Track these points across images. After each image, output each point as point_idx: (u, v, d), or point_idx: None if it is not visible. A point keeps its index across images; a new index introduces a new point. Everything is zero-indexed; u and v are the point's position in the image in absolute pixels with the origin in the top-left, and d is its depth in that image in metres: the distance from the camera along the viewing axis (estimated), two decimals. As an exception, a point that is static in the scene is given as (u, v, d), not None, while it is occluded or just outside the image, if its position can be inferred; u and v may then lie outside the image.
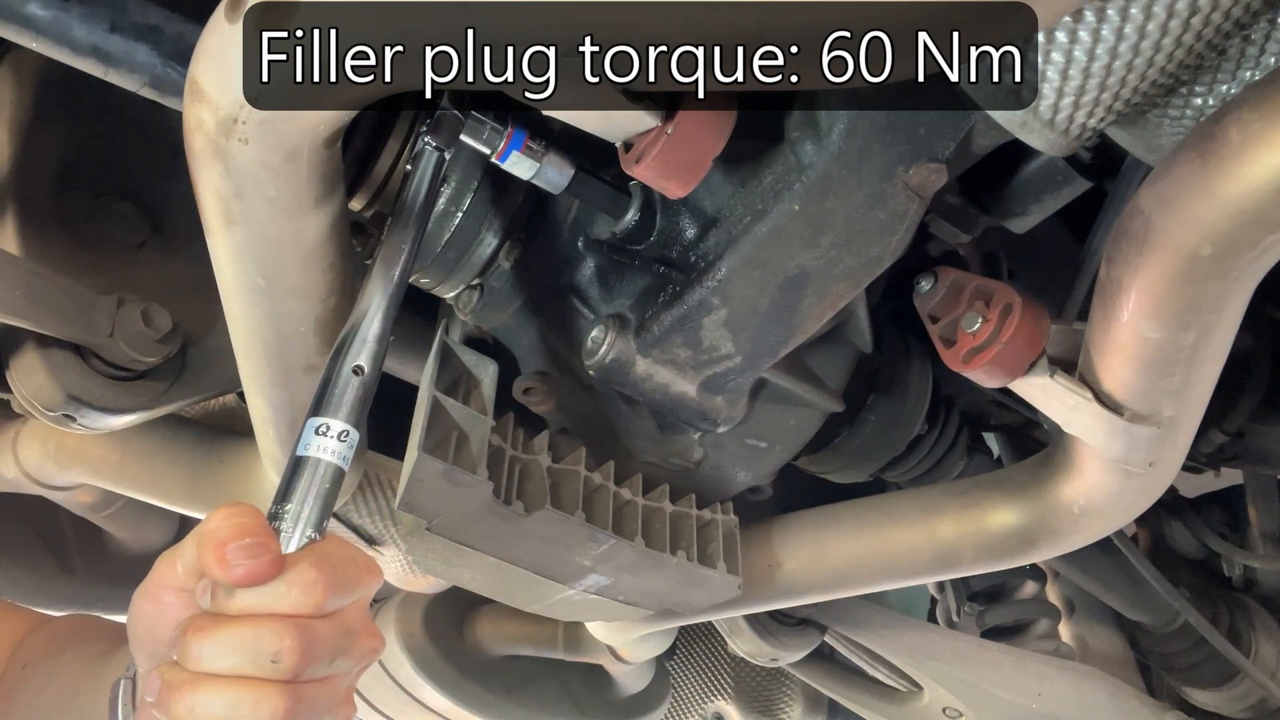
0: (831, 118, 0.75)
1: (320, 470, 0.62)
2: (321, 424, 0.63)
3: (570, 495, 0.91)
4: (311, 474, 0.62)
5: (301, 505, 0.61)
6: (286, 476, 0.62)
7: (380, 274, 0.69)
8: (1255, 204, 0.58)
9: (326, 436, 0.63)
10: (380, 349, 0.67)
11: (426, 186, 0.72)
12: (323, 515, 0.62)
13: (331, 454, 0.62)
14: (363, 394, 0.65)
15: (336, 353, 0.66)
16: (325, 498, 0.62)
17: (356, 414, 0.64)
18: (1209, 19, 0.59)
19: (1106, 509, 0.91)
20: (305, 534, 0.61)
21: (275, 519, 0.60)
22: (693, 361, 0.87)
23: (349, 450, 0.63)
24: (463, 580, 1.03)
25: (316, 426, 0.63)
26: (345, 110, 0.65)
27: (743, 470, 1.06)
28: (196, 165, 0.69)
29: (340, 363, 0.66)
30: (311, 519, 0.61)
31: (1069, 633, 1.76)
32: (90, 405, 1.07)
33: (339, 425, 0.63)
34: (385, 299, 0.68)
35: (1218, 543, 1.64)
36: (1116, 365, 0.74)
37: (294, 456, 0.63)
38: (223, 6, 0.65)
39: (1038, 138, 0.68)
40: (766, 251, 0.80)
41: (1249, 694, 1.63)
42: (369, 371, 0.66)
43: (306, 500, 0.61)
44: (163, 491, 1.33)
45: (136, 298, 1.07)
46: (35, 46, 0.75)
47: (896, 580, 1.10)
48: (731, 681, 1.95)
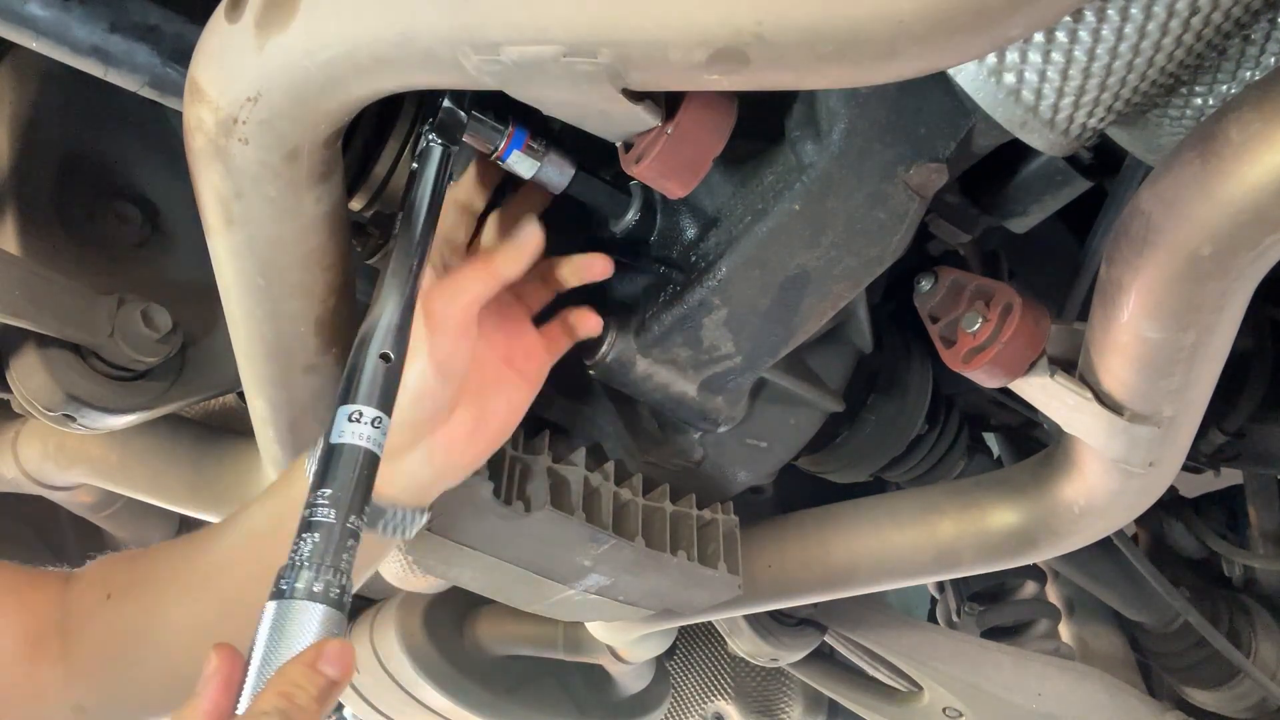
0: (832, 117, 0.75)
1: (360, 457, 0.61)
2: (354, 411, 0.62)
3: (570, 495, 0.91)
4: (351, 461, 0.61)
5: (344, 491, 0.60)
6: (322, 464, 0.61)
7: (397, 268, 0.68)
8: (1255, 204, 0.58)
9: (360, 423, 0.62)
10: (403, 339, 0.67)
11: (434, 180, 0.72)
12: (364, 500, 0.61)
13: (367, 440, 0.62)
14: (391, 381, 0.65)
15: (361, 342, 0.66)
16: (365, 484, 0.61)
17: (387, 401, 0.64)
18: (1209, 19, 0.59)
19: (1106, 509, 0.91)
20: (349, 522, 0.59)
21: (312, 507, 0.59)
22: (693, 361, 0.87)
23: (382, 437, 0.63)
24: (463, 580, 1.03)
25: (349, 414, 0.62)
26: (345, 110, 0.65)
27: (743, 470, 1.06)
28: (196, 165, 0.69)
29: (366, 351, 0.65)
30: (355, 505, 0.60)
31: (1069, 633, 1.76)
32: (90, 405, 1.07)
33: (372, 412, 0.63)
34: (404, 292, 0.68)
35: (1218, 543, 1.64)
36: (1116, 365, 0.74)
37: (328, 444, 0.62)
38: (223, 6, 0.65)
39: (1038, 138, 0.68)
40: (767, 251, 0.80)
41: (1249, 694, 1.63)
42: (396, 359, 0.65)
43: (349, 486, 0.60)
44: (163, 491, 1.33)
45: (136, 298, 1.07)
46: (35, 46, 0.75)
47: (896, 580, 1.10)
48: (731, 681, 1.95)
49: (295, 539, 0.59)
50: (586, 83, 0.57)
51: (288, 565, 0.57)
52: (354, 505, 0.60)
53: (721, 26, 0.50)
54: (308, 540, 0.58)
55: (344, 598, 0.58)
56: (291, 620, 0.56)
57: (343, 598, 0.58)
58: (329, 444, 0.62)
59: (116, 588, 0.83)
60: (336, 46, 0.60)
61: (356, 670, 0.87)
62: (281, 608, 0.56)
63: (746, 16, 0.49)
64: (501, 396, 0.81)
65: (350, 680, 0.56)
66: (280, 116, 0.64)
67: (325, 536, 0.58)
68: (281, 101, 0.63)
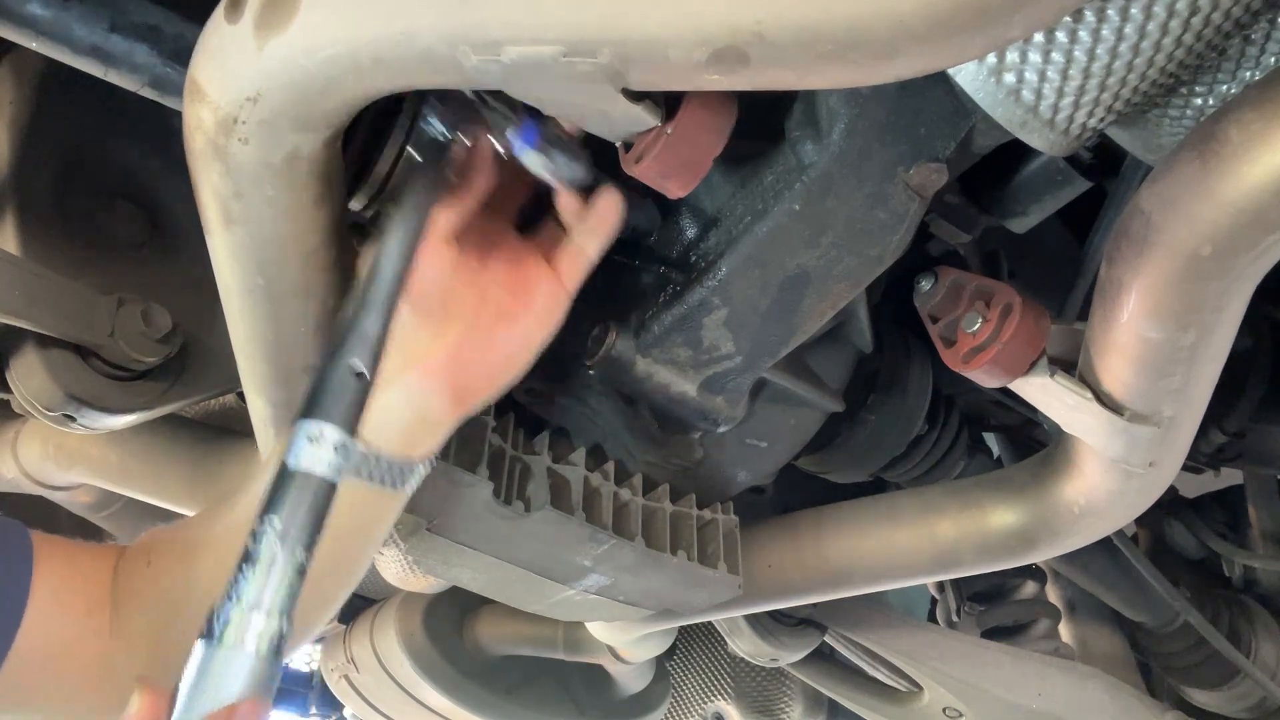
0: (832, 117, 0.75)
1: (314, 487, 0.55)
2: (315, 429, 0.57)
3: (570, 495, 0.91)
4: (305, 488, 0.55)
5: (293, 523, 0.54)
6: (273, 487, 0.56)
7: (384, 268, 0.64)
8: (1255, 204, 0.58)
9: (319, 445, 0.56)
10: (379, 350, 0.61)
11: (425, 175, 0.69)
12: (314, 536, 0.55)
13: (326, 466, 0.56)
14: (362, 399, 0.59)
15: (333, 349, 0.60)
16: (317, 516, 0.55)
17: (353, 421, 0.58)
18: (1209, 19, 0.59)
19: (1106, 509, 0.91)
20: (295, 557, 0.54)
21: (256, 534, 0.54)
22: (693, 361, 0.87)
23: (344, 463, 0.57)
24: (463, 580, 1.03)
25: (309, 432, 0.56)
26: (345, 110, 0.65)
27: (743, 470, 1.06)
28: (196, 165, 0.69)
29: (337, 360, 0.59)
30: (304, 539, 0.55)
31: (1069, 633, 1.76)
32: (90, 405, 1.07)
33: (335, 434, 0.57)
34: (385, 297, 0.63)
35: (1218, 543, 1.64)
36: (1116, 365, 0.74)
37: (281, 464, 0.56)
38: (222, 6, 0.65)
39: (1038, 138, 0.68)
40: (767, 251, 0.80)
41: (1249, 694, 1.63)
42: (369, 377, 0.60)
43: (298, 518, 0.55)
44: (163, 491, 1.33)
45: (136, 298, 1.07)
46: (35, 46, 0.75)
47: (896, 580, 1.10)
48: (731, 681, 1.95)
49: (233, 569, 0.54)
50: (586, 83, 0.57)
51: (221, 600, 0.53)
52: (303, 539, 0.54)
53: (721, 26, 0.50)
54: (246, 575, 0.53)
55: (279, 645, 0.53)
56: (214, 669, 0.52)
57: (277, 645, 0.53)
58: (283, 464, 0.56)
59: (156, 554, 0.81)
60: (336, 46, 0.60)
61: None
62: (208, 653, 0.52)
63: (746, 16, 0.49)
64: (502, 329, 0.75)
65: None
66: (280, 116, 0.64)
67: (265, 573, 0.53)
68: (281, 101, 0.63)
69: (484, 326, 0.74)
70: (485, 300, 0.75)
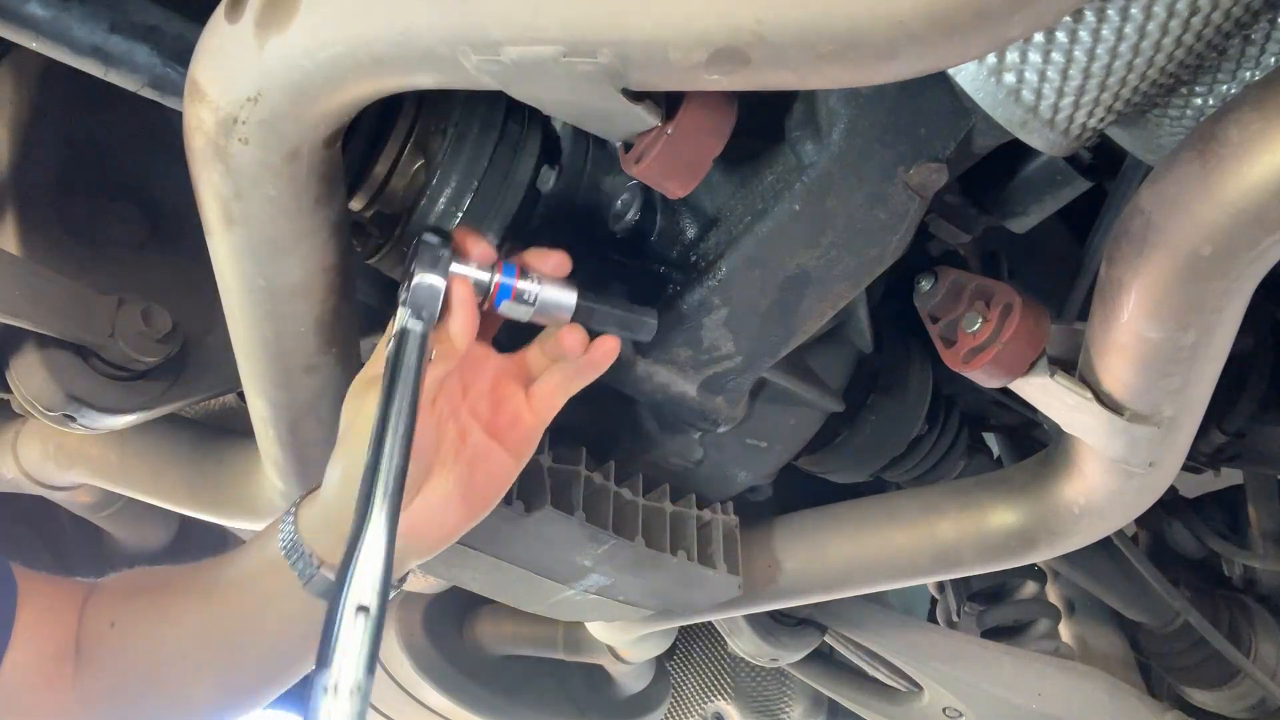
0: (832, 117, 0.75)
1: None
2: (331, 681, 0.55)
3: (570, 495, 0.91)
4: None
5: None
6: None
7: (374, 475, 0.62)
8: (1255, 204, 0.58)
9: (336, 696, 0.55)
10: (387, 585, 0.60)
11: (415, 365, 0.67)
12: None
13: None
14: (375, 638, 0.58)
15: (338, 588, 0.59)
16: None
17: (368, 662, 0.57)
18: (1209, 19, 0.59)
19: (1106, 509, 0.91)
20: None
21: None
22: (693, 361, 0.87)
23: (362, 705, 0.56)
24: (463, 580, 1.03)
25: (324, 684, 0.55)
26: (345, 110, 0.65)
27: (743, 470, 1.06)
28: (196, 165, 0.69)
29: (339, 603, 0.58)
30: None
31: (1069, 633, 1.76)
32: (90, 405, 1.06)
33: (351, 679, 0.56)
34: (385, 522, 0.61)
35: (1218, 543, 1.64)
36: (1116, 365, 0.74)
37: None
38: (223, 6, 0.65)
39: (1038, 138, 0.68)
40: (767, 251, 0.80)
41: (1249, 694, 1.63)
42: (377, 611, 0.58)
43: None
44: (163, 491, 1.33)
45: (136, 298, 1.07)
46: (35, 46, 0.75)
47: (896, 580, 1.10)
48: (731, 681, 1.95)
49: None
50: (586, 83, 0.57)
51: None
52: None
53: (721, 26, 0.50)
54: None
55: None
56: None
57: None
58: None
59: (122, 616, 0.82)
60: (336, 46, 0.60)
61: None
62: None
63: (746, 16, 0.49)
64: (483, 469, 0.77)
65: None
66: (280, 116, 0.64)
67: None
68: (281, 101, 0.63)
69: (473, 465, 0.76)
70: (480, 438, 0.76)
